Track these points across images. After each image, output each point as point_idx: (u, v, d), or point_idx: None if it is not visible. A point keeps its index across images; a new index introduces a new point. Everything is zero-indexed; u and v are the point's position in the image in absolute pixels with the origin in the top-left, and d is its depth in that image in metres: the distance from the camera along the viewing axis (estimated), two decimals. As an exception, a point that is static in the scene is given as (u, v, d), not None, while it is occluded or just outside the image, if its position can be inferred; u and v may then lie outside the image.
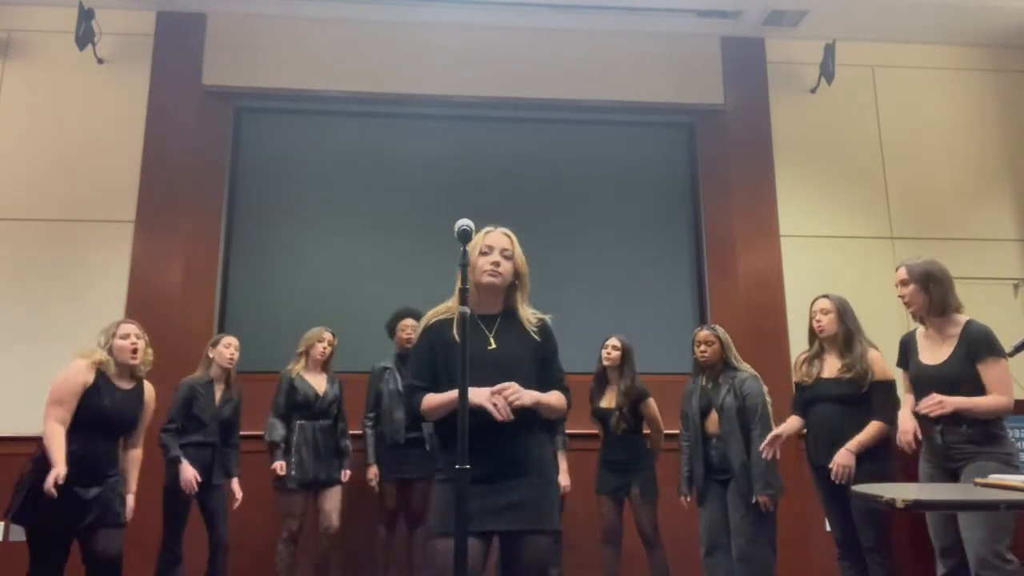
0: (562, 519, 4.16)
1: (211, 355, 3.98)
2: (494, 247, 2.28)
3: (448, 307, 2.32)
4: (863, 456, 3.28)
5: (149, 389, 3.36)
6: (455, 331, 2.20)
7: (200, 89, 5.13)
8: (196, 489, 3.72)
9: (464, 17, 5.27)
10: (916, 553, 4.06)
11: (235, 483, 3.99)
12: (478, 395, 2.09)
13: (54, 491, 2.89)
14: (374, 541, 4.29)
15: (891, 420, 3.27)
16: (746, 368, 3.73)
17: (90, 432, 3.10)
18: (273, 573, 4.07)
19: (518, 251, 2.32)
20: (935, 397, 2.82)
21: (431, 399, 2.23)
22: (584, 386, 4.29)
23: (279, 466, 4.00)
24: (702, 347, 3.76)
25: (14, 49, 5.06)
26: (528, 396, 2.14)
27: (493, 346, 2.24)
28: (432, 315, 2.34)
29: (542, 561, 2.16)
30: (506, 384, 2.11)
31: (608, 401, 4.10)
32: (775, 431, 3.43)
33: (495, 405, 2.09)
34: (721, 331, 3.80)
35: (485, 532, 2.14)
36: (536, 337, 2.30)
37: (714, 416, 3.68)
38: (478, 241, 2.29)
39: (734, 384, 3.65)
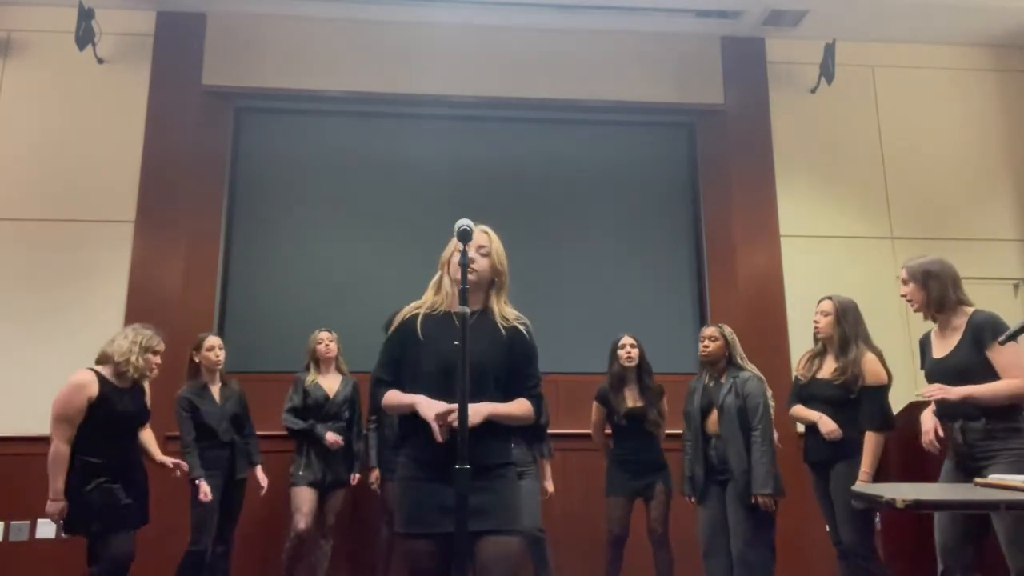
0: (549, 521, 4.17)
1: (196, 359, 3.96)
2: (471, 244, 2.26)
3: (425, 301, 2.32)
4: (846, 453, 3.31)
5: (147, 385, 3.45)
6: (420, 329, 2.23)
7: (200, 89, 5.13)
8: (209, 499, 3.72)
9: (464, 17, 5.27)
10: (916, 553, 4.05)
11: (259, 471, 4.02)
12: (427, 408, 2.07)
13: (59, 526, 3.03)
14: (376, 541, 4.29)
15: (880, 426, 3.29)
16: (751, 368, 3.72)
17: (115, 437, 3.16)
18: (277, 571, 4.07)
19: (496, 248, 2.27)
20: (938, 385, 2.77)
21: (392, 396, 2.21)
22: (586, 386, 4.29)
23: (332, 440, 4.02)
24: (705, 342, 3.76)
25: (14, 49, 5.06)
26: (476, 415, 2.05)
27: (458, 343, 2.15)
28: (408, 310, 2.33)
29: (508, 560, 2.11)
30: (452, 407, 2.03)
31: (633, 400, 4.03)
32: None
33: (439, 426, 2.05)
34: (727, 330, 3.79)
35: (449, 533, 2.06)
36: (507, 336, 2.23)
37: (715, 416, 3.66)
38: (456, 239, 2.27)
39: (736, 383, 3.63)
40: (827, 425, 3.36)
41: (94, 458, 3.09)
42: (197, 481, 3.71)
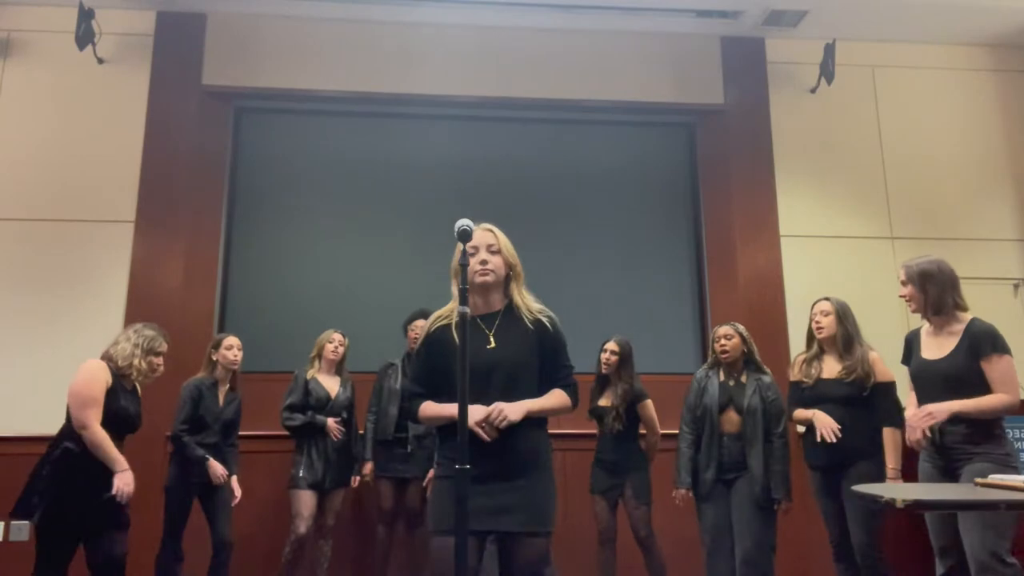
0: (562, 519, 4.19)
1: (214, 357, 3.97)
2: (479, 246, 2.27)
3: (451, 309, 2.31)
4: (862, 455, 3.29)
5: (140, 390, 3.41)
6: (455, 334, 2.21)
7: (200, 89, 5.13)
8: (224, 481, 3.77)
9: (464, 17, 5.27)
10: (916, 553, 4.06)
11: (234, 481, 4.00)
12: (469, 416, 2.09)
13: (127, 494, 2.97)
14: (374, 541, 4.29)
15: (897, 422, 3.28)
16: (768, 372, 3.74)
17: (110, 433, 3.10)
18: (276, 572, 4.07)
19: (504, 242, 2.30)
20: (924, 409, 2.79)
21: (428, 408, 2.24)
22: (585, 386, 4.28)
23: (333, 429, 4.04)
24: (722, 341, 3.72)
25: (14, 49, 5.06)
26: (516, 412, 2.13)
27: (492, 345, 2.24)
28: (435, 319, 2.33)
29: (538, 562, 2.15)
30: (493, 407, 2.11)
31: (606, 400, 4.11)
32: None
33: (482, 429, 2.10)
34: (742, 328, 3.78)
35: (482, 532, 2.14)
36: (535, 331, 2.27)
37: (730, 415, 3.64)
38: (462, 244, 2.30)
39: (760, 386, 3.64)
40: (823, 421, 3.34)
41: (76, 447, 3.01)
42: (207, 461, 3.74)
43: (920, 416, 2.81)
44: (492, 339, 2.25)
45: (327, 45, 5.25)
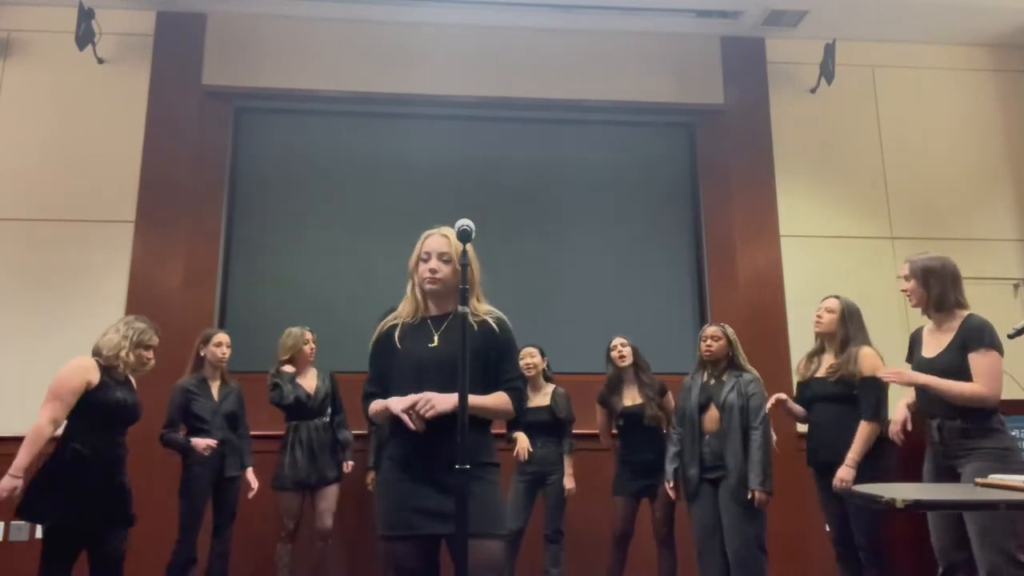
0: (565, 521, 4.18)
1: (202, 353, 3.95)
2: (431, 253, 2.26)
3: (399, 313, 2.32)
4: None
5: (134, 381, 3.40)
6: (397, 336, 2.25)
7: (200, 89, 5.13)
8: (212, 448, 3.71)
9: (464, 17, 5.27)
10: (917, 552, 4.06)
11: (250, 472, 4.00)
12: (396, 405, 2.11)
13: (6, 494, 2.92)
14: (374, 543, 4.29)
15: (872, 416, 3.27)
16: (751, 371, 3.73)
17: (108, 427, 3.11)
18: (272, 573, 4.06)
19: (455, 250, 2.24)
20: (893, 368, 2.90)
21: (374, 405, 2.23)
22: (587, 386, 4.29)
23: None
24: (708, 341, 3.74)
25: (14, 49, 5.06)
26: (444, 403, 2.06)
27: (435, 344, 2.21)
28: (385, 322, 2.33)
29: (484, 567, 2.06)
30: (418, 396, 2.08)
31: (631, 399, 4.05)
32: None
33: (409, 416, 2.07)
34: (729, 329, 3.80)
35: (429, 535, 2.11)
36: (479, 332, 2.21)
37: (711, 413, 3.66)
38: (418, 247, 2.29)
39: (739, 383, 3.64)
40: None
41: (84, 449, 3.02)
42: (189, 444, 3.68)
43: (889, 373, 2.96)
44: (436, 339, 2.22)
45: (327, 45, 5.25)
